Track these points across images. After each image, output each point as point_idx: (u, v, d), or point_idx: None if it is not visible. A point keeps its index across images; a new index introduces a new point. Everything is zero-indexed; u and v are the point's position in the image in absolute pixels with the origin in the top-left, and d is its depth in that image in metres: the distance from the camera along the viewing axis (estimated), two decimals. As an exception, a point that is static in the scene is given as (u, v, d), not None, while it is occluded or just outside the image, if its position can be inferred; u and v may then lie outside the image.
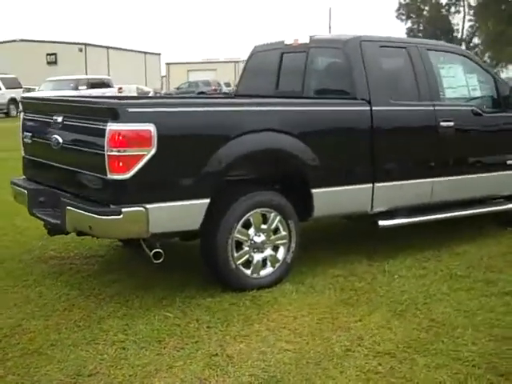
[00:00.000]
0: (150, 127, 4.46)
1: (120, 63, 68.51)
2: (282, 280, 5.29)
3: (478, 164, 6.49)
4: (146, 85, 64.83)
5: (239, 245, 5.08)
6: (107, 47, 69.49)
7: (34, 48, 64.64)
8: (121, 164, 4.42)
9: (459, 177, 6.31)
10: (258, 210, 5.11)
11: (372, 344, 4.05)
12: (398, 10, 63.84)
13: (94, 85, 29.89)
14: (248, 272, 5.13)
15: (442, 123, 6.06)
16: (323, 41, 6.16)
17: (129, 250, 6.09)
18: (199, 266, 5.25)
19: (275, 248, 5.29)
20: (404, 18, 64.52)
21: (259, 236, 5.16)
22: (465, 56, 6.66)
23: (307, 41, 6.22)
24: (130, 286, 5.22)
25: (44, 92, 27.49)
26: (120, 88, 38.52)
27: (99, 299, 4.93)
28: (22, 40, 65.96)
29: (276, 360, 3.86)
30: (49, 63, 65.40)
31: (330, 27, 62.52)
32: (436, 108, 6.07)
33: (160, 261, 4.73)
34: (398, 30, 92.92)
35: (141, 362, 3.85)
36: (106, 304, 4.83)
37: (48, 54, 65.73)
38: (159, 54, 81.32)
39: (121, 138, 4.39)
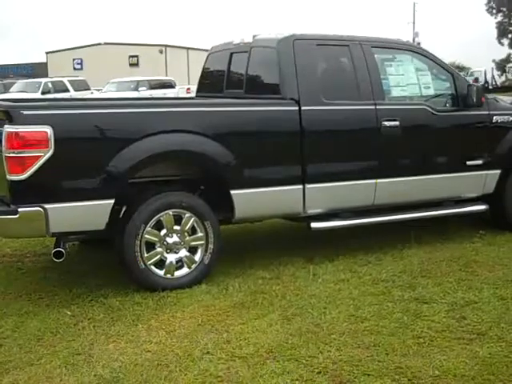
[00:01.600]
0: (47, 129, 4.58)
1: (200, 63, 69.41)
2: (201, 281, 5.26)
3: (431, 165, 6.24)
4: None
5: (151, 245, 5.09)
6: (187, 48, 70.70)
7: (117, 50, 66.71)
8: (17, 165, 4.56)
9: (408, 178, 6.09)
10: (170, 212, 5.13)
11: (234, 348, 4.02)
12: (489, 3, 61.71)
13: (154, 86, 30.50)
14: (161, 272, 5.13)
15: (385, 123, 5.86)
16: (262, 40, 6.08)
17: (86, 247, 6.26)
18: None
19: (192, 249, 5.26)
20: (494, 11, 62.34)
21: (172, 237, 5.14)
22: (420, 54, 6.36)
23: (250, 40, 6.17)
24: (54, 283, 5.38)
25: (106, 93, 28.31)
26: (188, 89, 39.26)
27: (16, 296, 5.08)
28: (106, 43, 68.19)
29: (131, 361, 3.89)
30: (131, 65, 67.36)
31: (413, 23, 61.29)
32: (378, 107, 5.87)
33: (61, 260, 4.83)
34: (488, 24, 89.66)
35: (2, 359, 3.95)
36: (19, 301, 4.97)
37: (130, 56, 67.66)
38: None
39: (16, 139, 4.53)
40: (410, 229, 6.53)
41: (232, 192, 5.30)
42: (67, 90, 29.99)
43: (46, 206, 4.64)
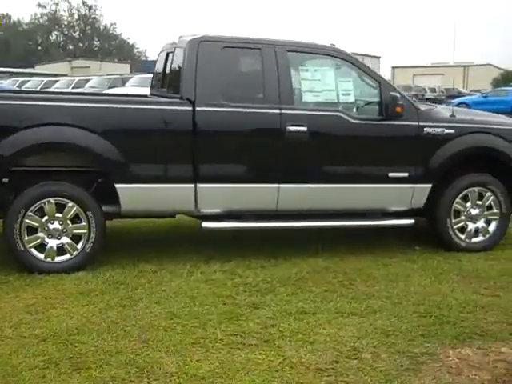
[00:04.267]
0: None
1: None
2: (82, 268, 5.62)
3: (344, 173, 6.15)
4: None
5: (33, 230, 5.53)
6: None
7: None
8: None
9: (317, 185, 6.07)
10: (51, 200, 5.52)
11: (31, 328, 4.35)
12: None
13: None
14: (41, 256, 5.56)
15: (291, 127, 5.89)
16: (180, 41, 6.27)
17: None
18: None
19: (76, 237, 5.63)
20: None
21: (53, 224, 5.55)
22: (344, 59, 6.26)
23: (176, 41, 6.42)
24: None
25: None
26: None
27: None
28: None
29: None
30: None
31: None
32: (283, 111, 5.91)
33: None
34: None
35: None
36: None
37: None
38: (379, 57, 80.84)
39: None
40: (340, 239, 6.68)
41: (117, 186, 5.58)
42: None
43: None
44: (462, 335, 4.46)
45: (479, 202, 6.59)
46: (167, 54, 6.62)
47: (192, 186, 5.74)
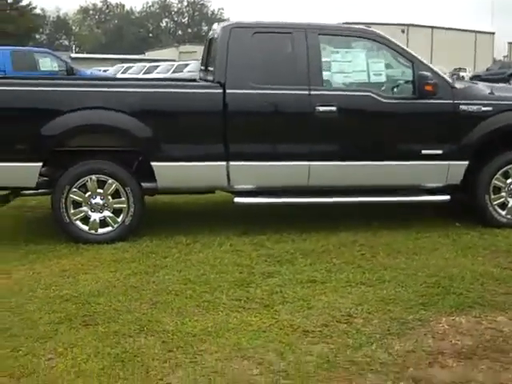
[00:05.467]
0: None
1: (445, 43, 67.50)
2: (123, 239, 6.11)
3: (375, 151, 6.28)
4: (474, 67, 63.04)
5: (78, 204, 6.08)
6: (431, 27, 68.96)
7: (360, 30, 67.26)
8: None
9: (346, 163, 6.24)
10: (93, 177, 6.03)
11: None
12: None
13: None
14: (85, 228, 6.10)
15: (320, 107, 6.11)
16: (216, 28, 6.62)
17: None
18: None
19: (117, 211, 6.13)
20: None
21: (95, 198, 6.07)
22: (375, 41, 6.36)
23: (216, 27, 6.77)
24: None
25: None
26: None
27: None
28: (350, 23, 69.10)
29: None
30: (372, 45, 67.57)
31: None
32: (313, 93, 6.13)
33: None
34: None
35: None
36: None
37: (372, 36, 67.85)
38: (493, 33, 77.76)
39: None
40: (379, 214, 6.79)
41: (153, 164, 6.01)
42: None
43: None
44: (462, 305, 4.52)
45: (520, 179, 6.45)
46: (210, 40, 6.93)
47: (224, 163, 6.04)
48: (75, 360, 3.71)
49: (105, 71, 34.93)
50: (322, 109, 6.05)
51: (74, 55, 64.76)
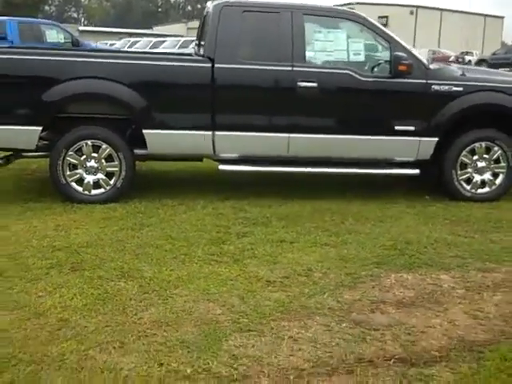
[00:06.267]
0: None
1: (453, 26, 67.41)
2: (114, 201, 6.64)
3: (351, 126, 6.76)
4: (482, 50, 63.06)
5: (74, 166, 6.61)
6: (441, 9, 68.80)
7: (367, 10, 67.00)
8: None
9: (323, 136, 6.73)
10: (88, 142, 6.54)
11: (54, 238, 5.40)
12: None
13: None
14: (80, 189, 6.63)
15: (301, 83, 6.59)
16: (209, 6, 7.09)
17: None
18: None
19: (110, 174, 6.66)
20: None
21: (90, 162, 6.59)
22: (356, 22, 6.82)
23: (209, 5, 7.22)
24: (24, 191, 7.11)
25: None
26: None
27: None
28: (359, 3, 69.03)
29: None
30: (381, 26, 67.47)
31: None
32: (295, 69, 6.60)
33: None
34: None
35: None
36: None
37: (379, 17, 67.71)
38: (502, 18, 77.56)
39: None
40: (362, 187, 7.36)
41: (144, 131, 6.52)
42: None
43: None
44: (412, 264, 5.02)
45: (486, 156, 6.93)
46: (204, 17, 7.40)
47: (210, 133, 6.54)
48: (62, 298, 4.22)
49: (111, 45, 35.19)
50: (303, 84, 6.53)
51: (82, 28, 65.08)
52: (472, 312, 4.19)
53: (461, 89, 6.75)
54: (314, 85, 6.51)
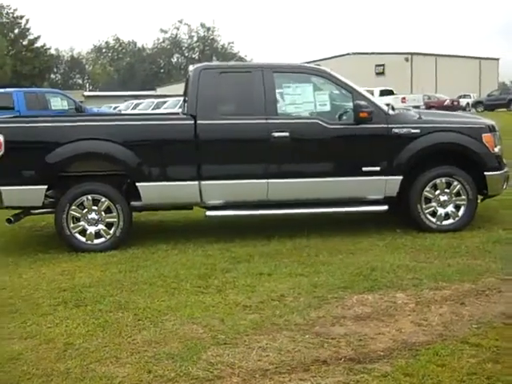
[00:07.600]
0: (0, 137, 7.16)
1: (449, 71, 68.86)
2: (114, 248, 7.43)
3: (323, 169, 7.56)
4: (479, 93, 64.37)
5: (77, 219, 7.43)
6: (435, 55, 70.46)
7: (364, 60, 69.13)
8: None
9: (299, 180, 7.54)
10: (89, 196, 7.38)
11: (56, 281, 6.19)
12: None
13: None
14: (83, 239, 7.44)
15: (275, 133, 7.45)
16: (190, 69, 8.03)
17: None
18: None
19: (109, 225, 7.48)
20: None
21: (91, 214, 7.42)
22: (321, 76, 7.73)
23: (191, 69, 8.14)
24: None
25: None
26: (403, 98, 40.30)
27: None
28: (354, 53, 70.99)
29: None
30: (377, 74, 69.32)
31: None
32: (269, 121, 7.47)
33: (10, 224, 7.40)
34: None
35: None
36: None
37: (376, 65, 69.58)
38: (497, 59, 79.25)
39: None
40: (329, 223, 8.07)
41: (138, 184, 7.35)
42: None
43: (1, 188, 7.17)
44: (374, 287, 5.74)
45: (447, 190, 7.72)
46: (187, 79, 8.34)
47: (197, 183, 7.36)
48: (67, 327, 4.97)
49: (115, 108, 36.52)
50: (276, 134, 7.37)
51: (87, 93, 67.01)
52: (418, 321, 4.89)
53: (418, 131, 7.58)
54: (287, 134, 7.35)
